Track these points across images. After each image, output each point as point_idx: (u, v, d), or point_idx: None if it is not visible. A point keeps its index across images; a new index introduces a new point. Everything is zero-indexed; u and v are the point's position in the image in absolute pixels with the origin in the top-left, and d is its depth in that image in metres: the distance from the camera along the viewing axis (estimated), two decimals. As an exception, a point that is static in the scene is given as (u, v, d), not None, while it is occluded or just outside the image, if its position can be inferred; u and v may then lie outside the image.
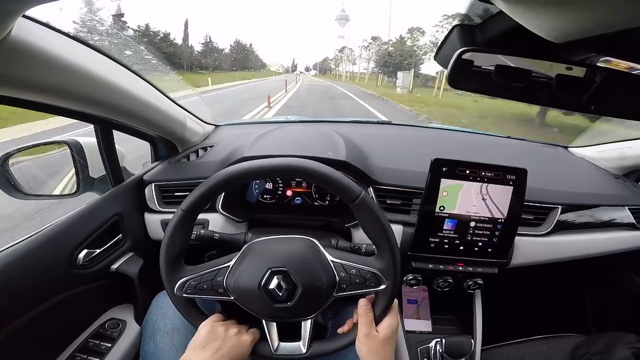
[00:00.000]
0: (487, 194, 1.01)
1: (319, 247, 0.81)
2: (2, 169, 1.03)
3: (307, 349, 0.81)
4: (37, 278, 0.86)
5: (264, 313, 0.80)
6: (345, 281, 0.77)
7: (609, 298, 1.65)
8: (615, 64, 0.54)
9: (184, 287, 0.78)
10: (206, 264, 0.82)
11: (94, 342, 1.01)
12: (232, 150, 1.25)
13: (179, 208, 0.76)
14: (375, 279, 0.77)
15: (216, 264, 0.80)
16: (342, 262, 0.78)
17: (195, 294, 0.79)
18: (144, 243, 1.21)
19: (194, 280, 0.78)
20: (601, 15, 0.33)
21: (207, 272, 0.79)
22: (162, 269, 0.78)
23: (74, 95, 0.77)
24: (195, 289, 0.78)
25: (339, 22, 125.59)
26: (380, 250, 0.78)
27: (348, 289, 0.78)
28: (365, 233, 0.78)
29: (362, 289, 0.78)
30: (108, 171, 1.13)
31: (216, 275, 0.79)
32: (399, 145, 1.51)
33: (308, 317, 0.81)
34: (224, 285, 0.78)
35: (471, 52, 0.58)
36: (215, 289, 0.78)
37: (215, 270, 0.79)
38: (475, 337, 1.20)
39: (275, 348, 0.82)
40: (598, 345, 1.11)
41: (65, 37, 0.72)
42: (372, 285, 0.77)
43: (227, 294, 0.78)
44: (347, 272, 0.78)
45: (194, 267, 0.80)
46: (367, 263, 0.78)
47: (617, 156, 1.45)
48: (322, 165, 0.75)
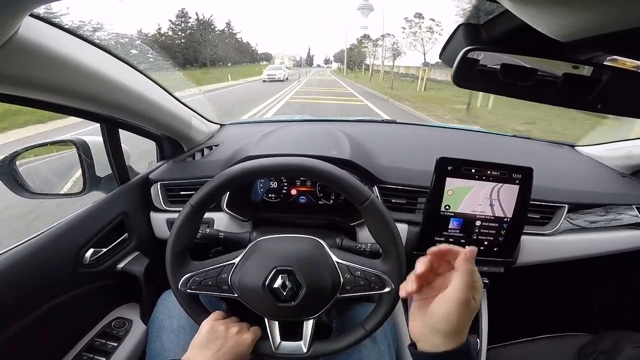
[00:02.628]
0: (493, 193, 1.01)
1: (325, 247, 0.81)
2: (10, 168, 1.04)
3: (308, 348, 0.82)
4: (44, 277, 0.87)
5: (266, 311, 0.80)
6: (349, 283, 0.78)
7: (616, 297, 1.64)
8: (622, 63, 0.54)
9: (188, 282, 0.79)
10: (211, 260, 0.82)
11: (100, 342, 1.02)
12: (237, 149, 1.25)
13: (188, 203, 0.77)
14: (380, 282, 0.77)
15: (221, 260, 0.81)
16: (348, 263, 0.79)
17: (199, 290, 0.79)
18: (150, 242, 1.22)
19: (199, 276, 0.79)
20: (608, 13, 0.33)
21: (212, 269, 0.79)
22: (167, 264, 0.79)
23: (80, 95, 0.78)
24: (200, 285, 0.79)
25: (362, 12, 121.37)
26: (386, 253, 0.78)
27: (352, 290, 0.78)
28: (373, 235, 0.78)
29: (366, 291, 0.78)
30: (114, 170, 1.14)
31: (221, 272, 0.79)
32: (404, 143, 1.50)
33: (310, 317, 0.81)
34: (229, 283, 0.78)
35: (476, 51, 0.57)
36: (220, 286, 0.79)
37: (220, 267, 0.80)
38: (481, 336, 1.19)
39: (276, 347, 0.83)
40: (605, 344, 1.10)
41: (72, 36, 0.72)
42: (377, 288, 0.77)
43: (231, 291, 0.79)
44: (352, 274, 0.78)
45: (199, 263, 0.81)
46: (373, 265, 0.78)
47: (624, 155, 1.44)
48: (332, 166, 0.75)
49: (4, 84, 0.63)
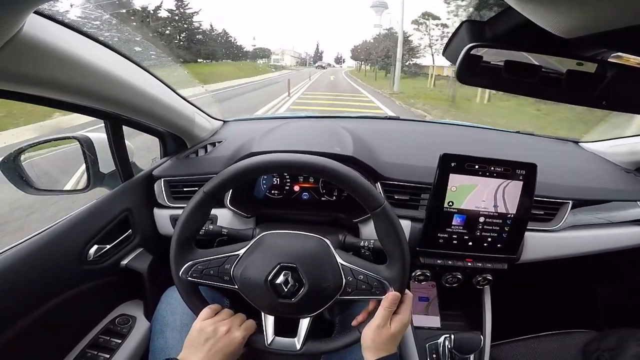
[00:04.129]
0: (497, 190, 1.01)
1: (330, 248, 0.81)
2: (15, 164, 1.05)
3: (302, 346, 0.82)
4: (49, 274, 0.87)
5: (265, 306, 0.81)
6: (351, 285, 0.78)
7: (620, 294, 1.64)
8: (627, 59, 0.54)
9: (190, 270, 0.79)
10: (216, 249, 0.83)
11: (104, 338, 1.02)
12: (240, 145, 1.25)
13: (201, 190, 0.77)
14: (381, 287, 0.78)
15: (226, 250, 0.82)
16: (352, 266, 0.79)
17: (200, 279, 0.80)
18: (153, 239, 1.22)
19: (201, 265, 0.79)
20: (612, 10, 0.33)
21: (216, 258, 0.80)
22: (172, 250, 0.79)
23: (84, 91, 0.78)
24: (202, 274, 0.79)
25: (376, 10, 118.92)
26: (392, 260, 0.78)
27: (353, 293, 0.78)
28: (380, 240, 0.79)
29: (367, 295, 0.79)
30: (118, 166, 1.14)
31: (224, 262, 0.80)
32: (407, 140, 1.50)
33: (307, 316, 0.82)
34: (231, 274, 0.79)
35: (480, 48, 0.57)
36: (221, 277, 0.79)
37: (224, 257, 0.80)
38: (484, 333, 1.20)
39: (269, 342, 0.83)
40: (609, 341, 1.10)
41: (76, 33, 0.73)
42: (377, 293, 0.78)
43: (232, 282, 0.79)
44: (354, 277, 0.78)
45: (203, 251, 0.82)
46: (376, 271, 0.79)
47: (628, 151, 1.43)
48: (349, 169, 0.76)
49: (8, 81, 0.63)
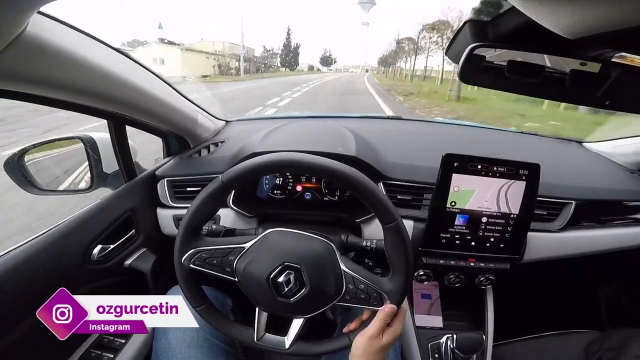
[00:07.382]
0: (500, 190, 1.01)
1: (335, 253, 0.81)
2: (18, 164, 1.05)
3: (290, 345, 0.82)
4: (53, 274, 0.88)
5: (262, 302, 0.80)
6: (350, 293, 0.78)
7: (623, 294, 1.63)
8: (631, 60, 0.54)
9: (193, 257, 0.78)
10: (223, 239, 0.83)
11: (108, 338, 1.03)
12: (243, 145, 1.26)
13: (219, 178, 0.76)
14: (379, 299, 0.77)
15: (231, 242, 0.81)
16: (354, 275, 0.78)
17: (202, 267, 0.79)
18: (157, 238, 1.22)
19: (206, 254, 0.79)
20: (616, 10, 0.32)
21: (221, 249, 0.79)
22: (178, 235, 0.78)
23: (87, 92, 0.78)
24: (204, 262, 0.79)
25: (363, 7, 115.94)
26: (395, 273, 0.78)
27: (350, 301, 0.78)
28: (387, 253, 0.78)
29: (364, 304, 0.78)
30: (121, 166, 1.15)
31: (229, 253, 0.79)
32: (410, 140, 1.50)
33: (302, 316, 0.81)
34: (233, 266, 0.78)
35: (483, 48, 0.57)
36: (223, 267, 0.79)
37: (230, 248, 0.80)
38: (486, 333, 1.19)
39: (258, 337, 0.82)
40: (612, 341, 1.10)
41: (80, 34, 0.73)
42: (375, 304, 0.77)
43: (233, 274, 0.79)
44: (355, 286, 0.78)
45: (210, 240, 0.81)
46: (378, 282, 0.78)
47: (632, 151, 1.42)
48: (368, 179, 0.75)
49: (11, 81, 0.63)
